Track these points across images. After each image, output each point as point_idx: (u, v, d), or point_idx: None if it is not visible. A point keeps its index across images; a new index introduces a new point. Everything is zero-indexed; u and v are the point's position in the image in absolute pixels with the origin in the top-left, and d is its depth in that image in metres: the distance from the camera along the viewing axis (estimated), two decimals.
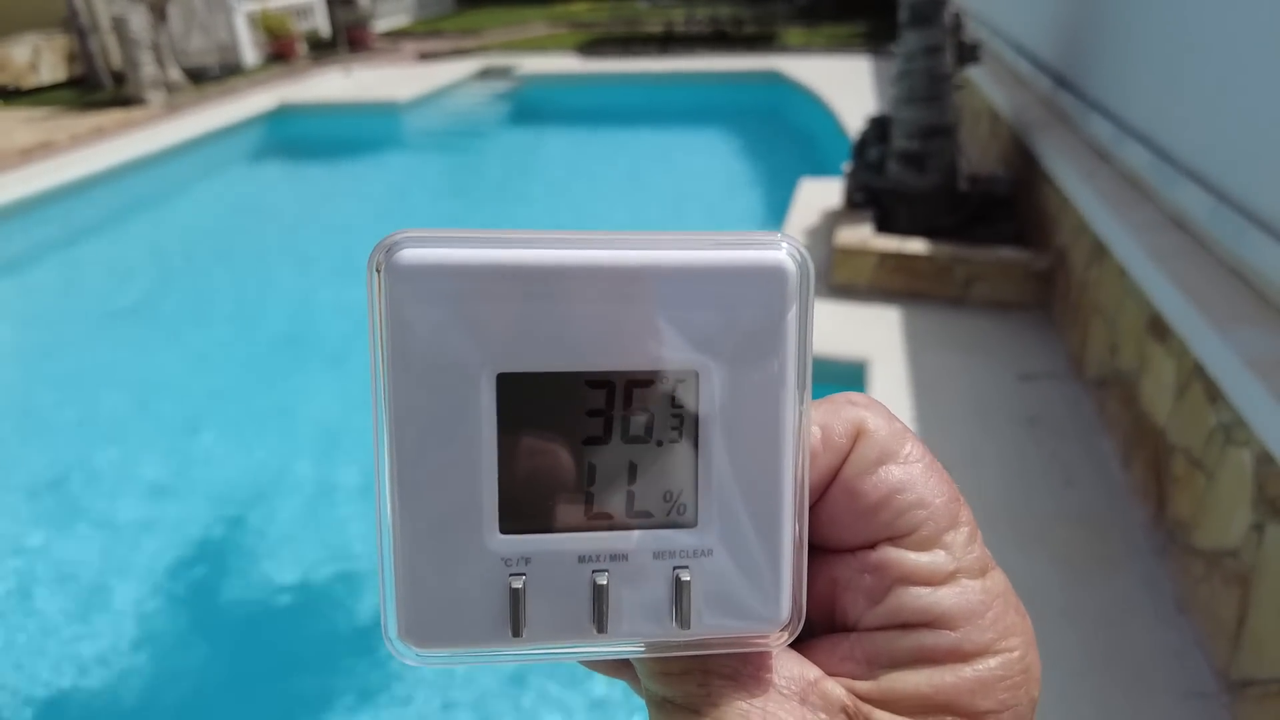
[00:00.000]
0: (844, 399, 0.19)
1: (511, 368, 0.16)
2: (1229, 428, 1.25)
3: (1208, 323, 1.30)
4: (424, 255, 0.16)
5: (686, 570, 0.17)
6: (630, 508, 0.17)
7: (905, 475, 0.18)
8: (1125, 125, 2.06)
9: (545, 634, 0.17)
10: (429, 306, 0.16)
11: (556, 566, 0.17)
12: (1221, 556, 1.22)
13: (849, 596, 0.18)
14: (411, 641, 0.17)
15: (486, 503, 0.17)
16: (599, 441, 0.17)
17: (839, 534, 0.18)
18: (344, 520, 2.26)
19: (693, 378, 0.17)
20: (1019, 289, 2.36)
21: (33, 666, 1.81)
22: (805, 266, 0.17)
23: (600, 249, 0.16)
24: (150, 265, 4.29)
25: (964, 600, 0.17)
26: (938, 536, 0.17)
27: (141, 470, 2.55)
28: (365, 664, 1.76)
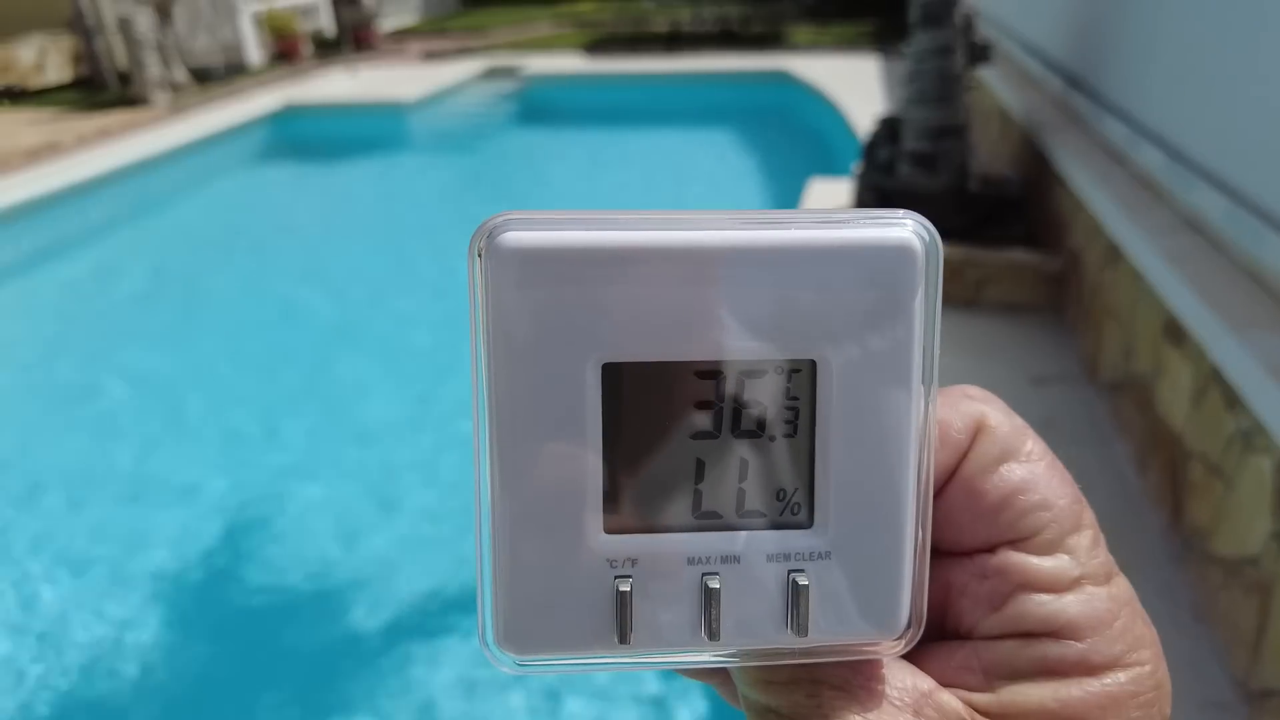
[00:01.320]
0: (960, 392, 0.17)
1: (617, 357, 0.15)
2: (1248, 434, 1.23)
3: (1226, 327, 1.28)
4: (528, 238, 0.15)
5: (803, 574, 0.16)
6: (741, 507, 0.16)
7: (1028, 474, 0.16)
8: (1139, 126, 2.04)
9: (653, 640, 0.16)
10: (532, 292, 0.15)
11: (664, 569, 0.16)
12: (1241, 565, 1.21)
13: (965, 602, 0.17)
14: (511, 648, 0.16)
15: (590, 501, 0.16)
16: (708, 436, 0.16)
17: (956, 535, 0.17)
18: (369, 526, 2.26)
19: (809, 368, 0.16)
20: (1031, 291, 2.35)
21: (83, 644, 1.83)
22: (934, 246, 0.16)
23: (712, 229, 0.15)
24: (154, 267, 4.30)
25: (1090, 609, 0.16)
26: (1061, 540, 0.16)
27: (149, 464, 2.56)
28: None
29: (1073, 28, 2.76)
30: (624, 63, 7.33)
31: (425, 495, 2.43)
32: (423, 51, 8.64)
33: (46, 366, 3.33)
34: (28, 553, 2.20)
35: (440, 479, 2.50)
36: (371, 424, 2.81)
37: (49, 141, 5.40)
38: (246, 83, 7.33)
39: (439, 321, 3.52)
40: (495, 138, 6.35)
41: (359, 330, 3.51)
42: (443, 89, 6.86)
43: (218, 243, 4.63)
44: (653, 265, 0.15)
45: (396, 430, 2.75)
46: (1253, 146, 1.50)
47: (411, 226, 4.76)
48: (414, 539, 2.21)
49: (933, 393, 0.16)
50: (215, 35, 7.91)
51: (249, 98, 6.72)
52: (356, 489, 2.42)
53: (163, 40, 6.79)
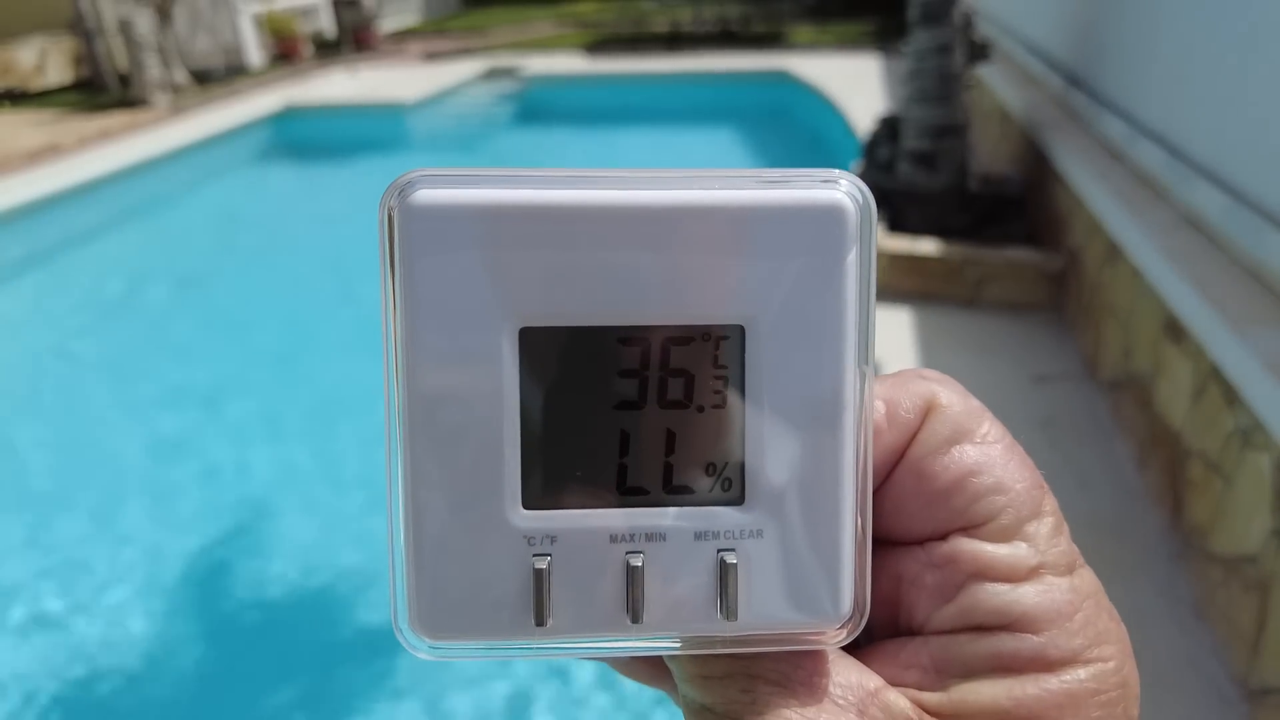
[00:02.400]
0: (913, 373, 0.16)
1: (536, 322, 0.14)
2: (1247, 431, 1.23)
3: (1225, 324, 1.28)
4: (441, 196, 0.14)
5: (732, 553, 0.15)
6: (668, 482, 0.15)
7: (982, 456, 0.15)
8: (1139, 124, 2.04)
9: (572, 625, 0.15)
10: (446, 253, 0.14)
11: (585, 546, 0.15)
12: (1240, 562, 1.21)
13: (915, 594, 0.16)
14: (424, 632, 0.15)
15: (509, 474, 0.15)
16: (633, 406, 0.15)
17: (905, 522, 0.16)
18: (357, 514, 2.26)
19: (738, 334, 0.15)
20: (1031, 290, 2.35)
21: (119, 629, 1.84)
22: (866, 207, 0.15)
23: (635, 189, 0.14)
24: (155, 268, 4.31)
25: (1048, 599, 0.15)
26: (1018, 526, 0.15)
27: (156, 467, 2.56)
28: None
29: (1072, 26, 2.76)
30: (624, 63, 7.33)
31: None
32: (423, 52, 8.65)
33: (45, 366, 3.34)
34: (26, 552, 2.21)
35: None
36: (368, 421, 2.82)
37: (50, 143, 5.41)
38: (246, 84, 7.34)
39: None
40: (495, 138, 6.36)
41: (358, 330, 3.51)
42: (443, 90, 6.86)
43: (218, 243, 4.64)
44: (573, 225, 0.14)
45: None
46: (1251, 144, 1.50)
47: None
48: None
49: (871, 363, 0.15)
50: (215, 36, 7.92)
51: (249, 99, 6.73)
52: (344, 478, 2.43)
53: (163, 42, 6.80)
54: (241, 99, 6.75)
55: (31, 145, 5.37)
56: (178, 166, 5.46)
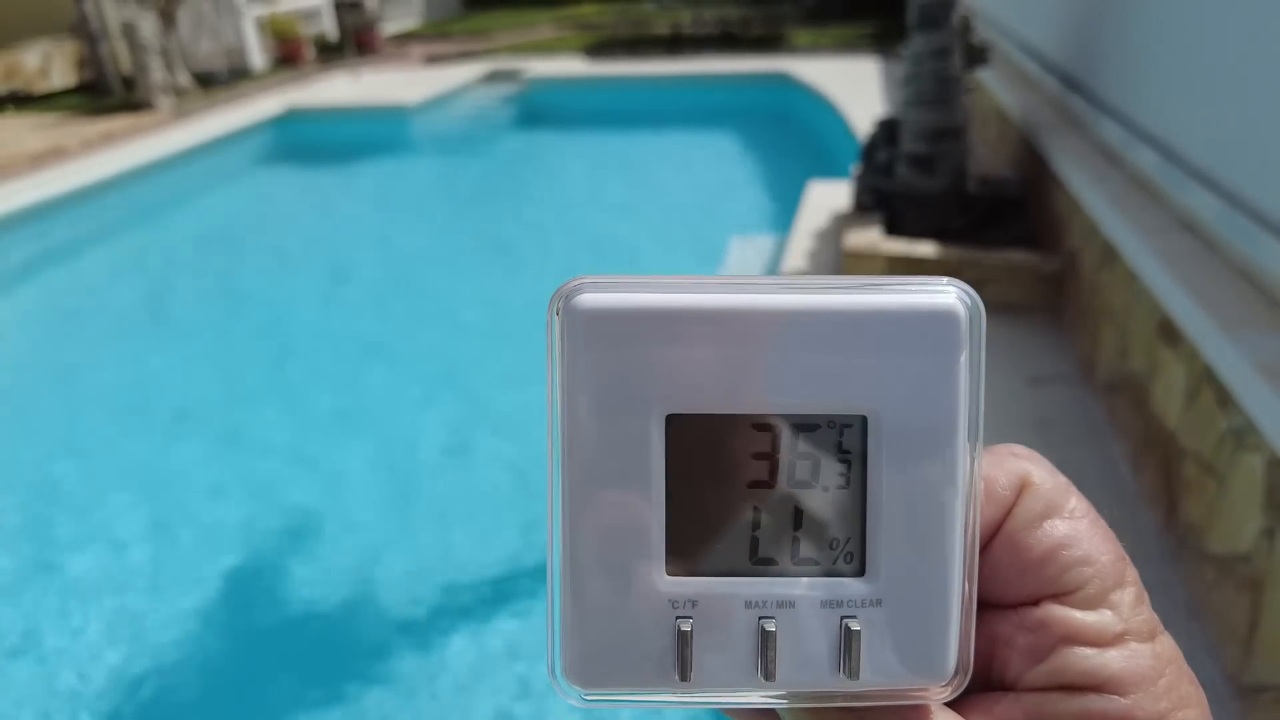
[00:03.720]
0: (1006, 450, 0.18)
1: (680, 409, 0.16)
2: (1240, 433, 1.25)
3: (1218, 327, 1.30)
4: (600, 300, 0.16)
5: (855, 620, 0.17)
6: (796, 554, 0.17)
7: (1071, 530, 0.17)
8: (1135, 128, 2.06)
9: (711, 680, 0.17)
10: (603, 349, 0.16)
11: (723, 611, 0.17)
12: (1233, 562, 1.22)
13: (1009, 654, 0.17)
14: (577, 682, 0.17)
15: (655, 543, 0.17)
16: (764, 485, 0.17)
17: (1000, 588, 0.17)
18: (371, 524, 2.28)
19: (860, 423, 0.17)
20: (1028, 292, 2.36)
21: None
22: (976, 311, 0.17)
23: (767, 293, 0.16)
24: (158, 271, 4.33)
25: (1134, 664, 0.16)
26: (1104, 595, 0.17)
27: (150, 461, 2.58)
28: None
29: (1070, 29, 2.78)
30: (625, 65, 7.36)
31: (426, 482, 2.45)
32: (425, 55, 8.68)
33: (52, 367, 3.36)
34: (63, 541, 2.22)
35: (444, 471, 2.52)
36: (370, 419, 2.83)
37: (54, 146, 5.44)
38: (249, 87, 7.37)
39: (436, 320, 3.54)
40: (497, 141, 6.38)
41: (359, 329, 3.53)
42: (445, 92, 6.89)
43: (220, 245, 4.66)
44: (713, 326, 0.16)
45: (398, 425, 2.77)
46: (1246, 147, 1.51)
47: (414, 229, 4.78)
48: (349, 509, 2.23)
49: (978, 449, 0.17)
50: (218, 39, 7.95)
51: (252, 102, 6.76)
52: (343, 483, 2.44)
53: (166, 45, 6.83)
54: (244, 102, 6.78)
55: (36, 148, 5.40)
56: (181, 169, 5.48)
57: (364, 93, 6.96)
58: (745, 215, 4.55)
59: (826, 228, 3.05)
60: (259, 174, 5.95)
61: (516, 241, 4.51)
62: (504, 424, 2.78)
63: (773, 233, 3.77)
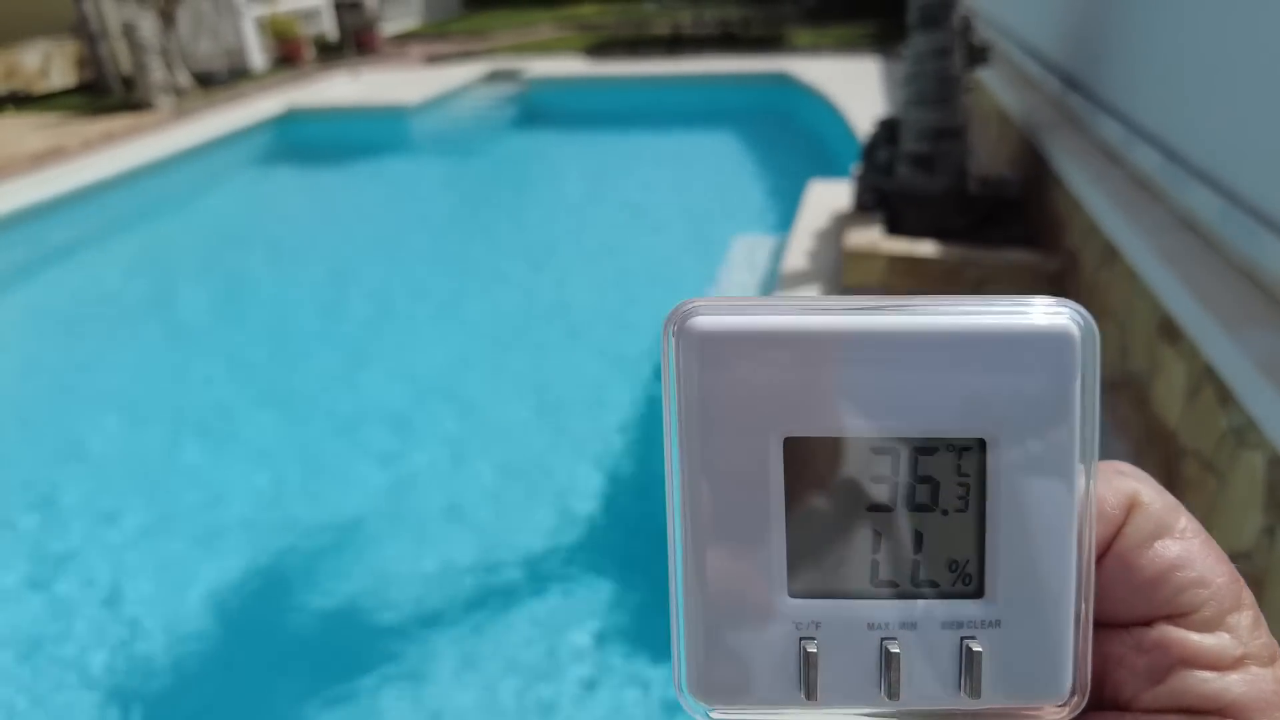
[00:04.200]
0: (1112, 468, 0.18)
1: (798, 432, 0.17)
2: (1240, 431, 1.25)
3: (1219, 325, 1.30)
4: (715, 322, 0.17)
5: (976, 641, 0.17)
6: (916, 576, 0.17)
7: (1184, 551, 0.17)
8: (1135, 127, 2.06)
9: (836, 699, 0.17)
10: (719, 371, 0.16)
11: (847, 632, 0.17)
12: (1234, 559, 1.22)
13: (1123, 674, 0.17)
14: (704, 699, 0.17)
15: (775, 565, 0.17)
16: (884, 509, 0.17)
17: (1112, 608, 0.17)
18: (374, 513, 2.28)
19: (978, 446, 0.17)
20: (1029, 290, 2.36)
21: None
22: (1089, 332, 0.17)
23: (884, 314, 0.17)
24: (161, 270, 4.33)
25: (1256, 689, 0.16)
26: (1221, 618, 0.17)
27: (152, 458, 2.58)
28: None
29: (1070, 29, 2.78)
30: (625, 65, 7.36)
31: (430, 478, 2.45)
32: (425, 55, 8.67)
33: (57, 366, 3.36)
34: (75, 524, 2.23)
35: (438, 464, 2.53)
36: (381, 409, 2.84)
37: (54, 146, 5.43)
38: (249, 87, 7.36)
39: (434, 319, 3.55)
40: (497, 140, 6.38)
41: (362, 327, 3.53)
42: (445, 92, 6.89)
43: (221, 244, 4.66)
44: (830, 347, 0.16)
45: (412, 425, 2.77)
46: (1247, 147, 1.52)
47: (413, 228, 4.78)
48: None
49: (1093, 469, 0.17)
50: (218, 39, 7.95)
51: (252, 101, 6.76)
52: (315, 472, 2.44)
53: (166, 45, 6.83)
54: (244, 102, 6.78)
55: (36, 148, 5.40)
56: (181, 169, 5.48)
57: (364, 93, 6.96)
58: (746, 214, 4.55)
59: (827, 227, 3.05)
60: (260, 173, 5.95)
61: (518, 241, 4.50)
62: (500, 417, 2.78)
63: (774, 232, 3.77)
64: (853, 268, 2.50)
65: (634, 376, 2.97)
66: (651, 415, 2.66)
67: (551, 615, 1.92)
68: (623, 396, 2.86)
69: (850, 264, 2.50)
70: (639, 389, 2.86)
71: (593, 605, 1.96)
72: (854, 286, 2.50)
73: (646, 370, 3.00)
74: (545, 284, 3.91)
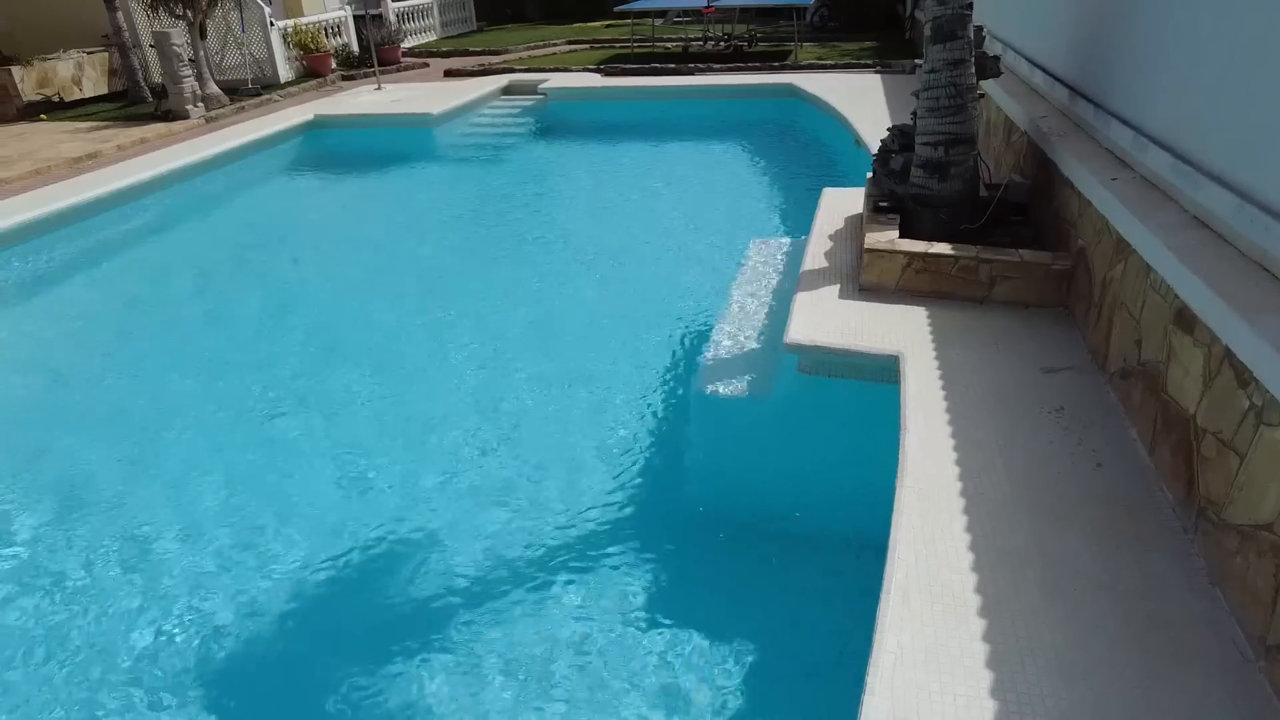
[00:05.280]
0: None
1: None
2: (1260, 410, 1.31)
3: (1236, 312, 1.36)
4: None
5: None
6: None
7: None
8: (1145, 132, 2.14)
9: None
10: None
11: None
12: (1256, 530, 1.27)
13: None
14: None
15: None
16: None
17: None
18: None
19: None
20: (1039, 289, 2.43)
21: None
22: None
23: None
24: (199, 268, 4.44)
25: None
26: None
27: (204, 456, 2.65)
28: None
29: (1078, 43, 2.88)
30: (637, 79, 7.54)
31: (431, 471, 2.52)
32: (444, 68, 8.90)
33: (71, 361, 3.44)
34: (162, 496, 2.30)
35: (464, 455, 2.59)
36: (400, 406, 2.90)
37: (91, 151, 5.60)
38: (276, 96, 7.57)
39: (440, 314, 3.63)
40: (518, 148, 6.54)
41: (377, 322, 3.62)
42: (467, 103, 7.07)
43: (253, 244, 4.77)
44: None
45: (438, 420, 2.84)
46: (1259, 145, 1.59)
47: (439, 231, 4.89)
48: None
49: None
50: (246, 51, 8.19)
51: (280, 111, 6.95)
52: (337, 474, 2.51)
53: (197, 56, 7.04)
54: (273, 110, 6.97)
55: (74, 153, 5.56)
56: (213, 174, 5.64)
57: (388, 103, 7.15)
58: (758, 219, 4.65)
59: (842, 229, 3.14)
60: (290, 178, 6.11)
61: (539, 242, 4.60)
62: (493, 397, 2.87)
63: (789, 236, 3.86)
64: (872, 265, 2.57)
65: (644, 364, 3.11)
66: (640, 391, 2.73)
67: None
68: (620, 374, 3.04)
69: (870, 262, 2.57)
70: (637, 373, 3.06)
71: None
72: (873, 284, 2.57)
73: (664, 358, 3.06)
74: (567, 281, 4.01)
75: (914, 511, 1.55)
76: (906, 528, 1.51)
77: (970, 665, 1.23)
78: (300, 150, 6.47)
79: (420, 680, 1.76)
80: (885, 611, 1.32)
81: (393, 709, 1.71)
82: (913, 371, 2.06)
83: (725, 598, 2.03)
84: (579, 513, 2.37)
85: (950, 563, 1.43)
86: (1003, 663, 1.23)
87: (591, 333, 3.49)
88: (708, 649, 1.84)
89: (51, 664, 1.82)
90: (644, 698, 1.71)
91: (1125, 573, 1.40)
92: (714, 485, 2.47)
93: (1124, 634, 1.28)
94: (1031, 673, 1.21)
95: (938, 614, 1.32)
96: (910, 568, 1.42)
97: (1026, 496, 1.59)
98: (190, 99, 6.74)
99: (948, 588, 1.38)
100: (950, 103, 2.64)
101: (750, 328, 2.80)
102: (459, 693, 1.73)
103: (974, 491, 1.60)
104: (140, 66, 7.85)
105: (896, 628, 1.29)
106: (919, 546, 1.47)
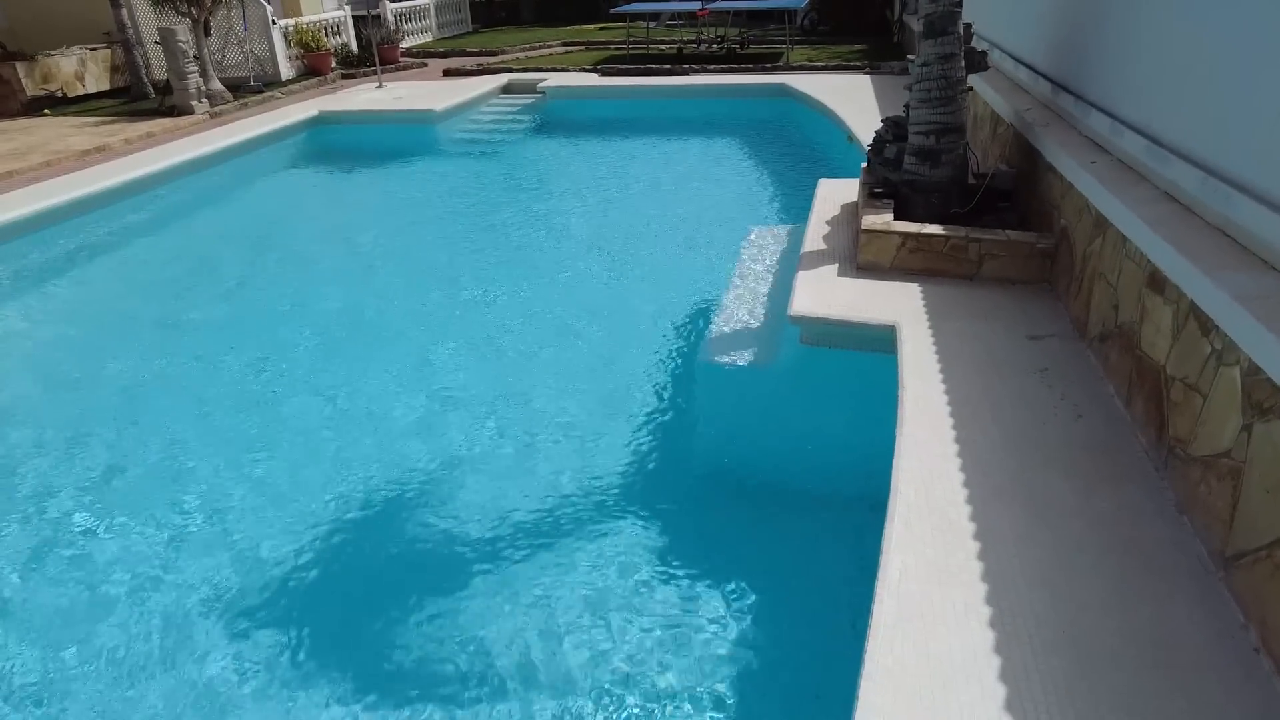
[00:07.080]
0: None
1: None
2: (1220, 352, 1.46)
3: (1202, 270, 1.52)
4: None
5: None
6: None
7: None
8: (1120, 118, 2.31)
9: None
10: None
11: None
12: (1217, 459, 1.43)
13: None
14: None
15: None
16: None
17: None
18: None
19: None
20: (1025, 266, 2.60)
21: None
22: None
23: None
24: (208, 260, 4.52)
25: None
26: None
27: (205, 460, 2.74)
28: None
29: (1057, 39, 3.07)
30: (632, 79, 7.71)
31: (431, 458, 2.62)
32: (443, 68, 9.02)
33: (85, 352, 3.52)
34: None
35: (410, 452, 2.71)
36: (409, 390, 3.01)
37: (99, 144, 5.66)
38: (279, 93, 7.66)
39: (441, 309, 3.75)
40: (519, 144, 6.67)
41: (378, 318, 3.72)
42: (466, 101, 7.19)
43: (259, 237, 4.86)
44: None
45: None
46: (1222, 126, 1.76)
47: (439, 225, 4.99)
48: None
49: None
50: (249, 49, 8.26)
51: (282, 107, 7.03)
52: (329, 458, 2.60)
53: (201, 53, 7.12)
54: (276, 107, 7.05)
55: (82, 146, 5.61)
56: (219, 169, 5.71)
57: (390, 100, 7.25)
58: (756, 208, 4.80)
59: (839, 215, 3.30)
60: (295, 172, 6.20)
61: (543, 230, 4.73)
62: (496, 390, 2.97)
63: (786, 223, 4.01)
64: (869, 245, 2.72)
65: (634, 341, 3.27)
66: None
67: None
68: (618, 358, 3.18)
69: (867, 242, 2.73)
70: (643, 351, 3.21)
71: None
72: (869, 263, 2.72)
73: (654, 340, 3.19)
74: (571, 266, 4.13)
75: (912, 456, 1.70)
76: (906, 470, 1.65)
77: (966, 579, 1.37)
78: (306, 145, 6.56)
79: (410, 643, 1.87)
80: (890, 536, 1.46)
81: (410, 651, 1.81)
82: (909, 339, 2.21)
83: (733, 554, 2.16)
84: (592, 476, 2.49)
85: (947, 498, 1.57)
86: (995, 577, 1.37)
87: (597, 314, 3.61)
88: (717, 601, 1.96)
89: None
90: (658, 643, 1.83)
91: (1103, 505, 1.55)
92: (723, 449, 2.62)
93: (1101, 553, 1.42)
94: (1021, 584, 1.36)
95: (937, 539, 1.46)
96: (910, 502, 1.56)
97: (1014, 443, 1.73)
98: (195, 95, 6.81)
99: (945, 517, 1.52)
100: (941, 94, 2.81)
101: (753, 305, 2.94)
102: (457, 654, 1.84)
103: (966, 439, 1.75)
104: (143, 63, 7.91)
105: (901, 549, 1.43)
106: (918, 484, 1.61)
